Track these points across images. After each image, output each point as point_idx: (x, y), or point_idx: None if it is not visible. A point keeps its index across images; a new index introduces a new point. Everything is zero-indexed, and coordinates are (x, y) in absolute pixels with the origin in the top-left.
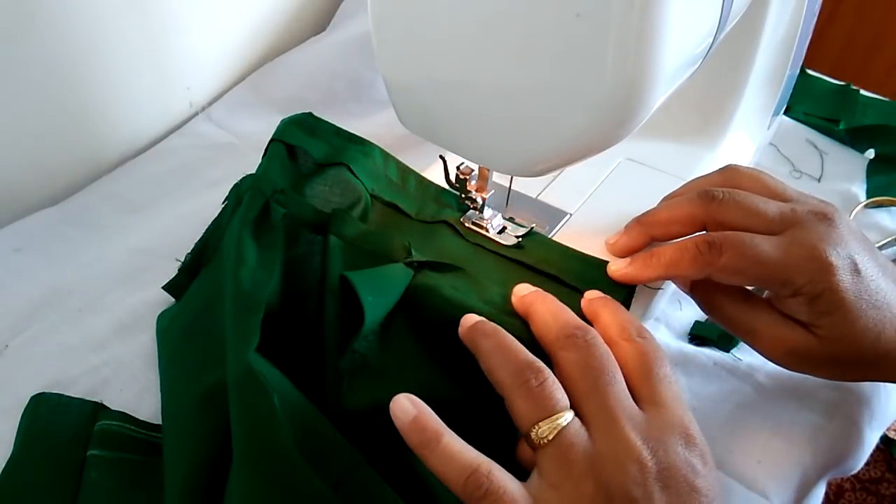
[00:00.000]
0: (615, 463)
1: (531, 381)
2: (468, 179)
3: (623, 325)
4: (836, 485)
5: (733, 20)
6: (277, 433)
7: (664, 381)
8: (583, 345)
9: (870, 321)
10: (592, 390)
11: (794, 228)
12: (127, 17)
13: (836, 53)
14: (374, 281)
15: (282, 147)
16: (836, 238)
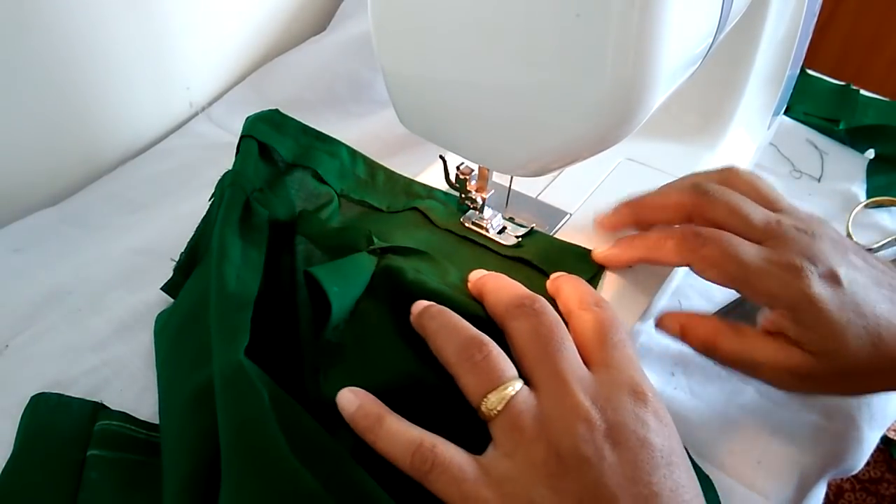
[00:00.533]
0: (564, 424)
1: (475, 355)
2: (468, 179)
3: (582, 296)
4: (836, 485)
5: (733, 20)
6: (267, 431)
7: (618, 346)
8: (531, 313)
9: (860, 331)
10: (542, 356)
11: (775, 240)
12: (127, 18)
13: (836, 53)
14: (338, 272)
15: (253, 143)
16: (816, 251)
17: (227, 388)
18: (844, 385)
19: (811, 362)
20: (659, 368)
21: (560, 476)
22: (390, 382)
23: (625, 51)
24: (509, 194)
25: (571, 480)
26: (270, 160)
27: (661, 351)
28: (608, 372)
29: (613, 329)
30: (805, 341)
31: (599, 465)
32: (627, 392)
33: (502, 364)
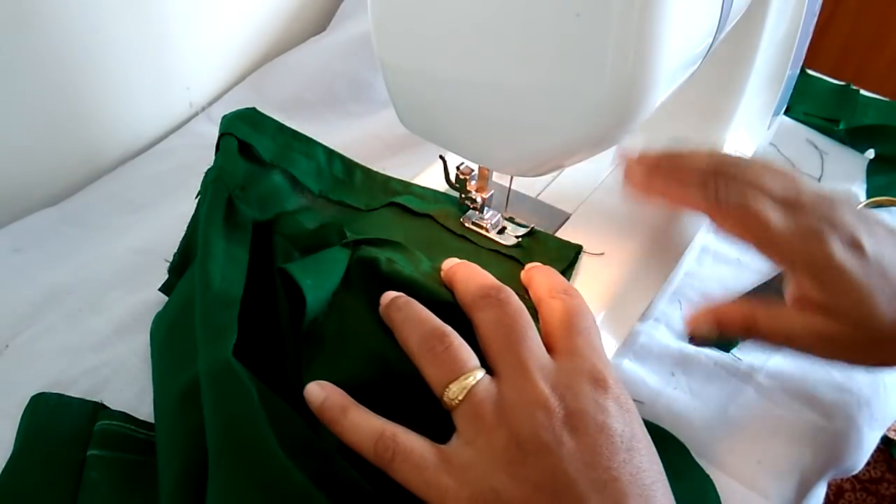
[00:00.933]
0: (523, 412)
1: (437, 346)
2: (468, 179)
3: (552, 284)
4: (836, 485)
5: (733, 20)
6: (256, 428)
7: (583, 333)
8: (496, 303)
9: (889, 294)
10: (504, 346)
11: (795, 207)
12: (127, 18)
13: (836, 53)
14: (312, 266)
15: (233, 141)
16: (838, 218)
17: (214, 385)
18: (879, 354)
19: (846, 331)
20: (659, 368)
21: (519, 463)
22: (370, 373)
23: (625, 51)
24: (509, 194)
25: (530, 467)
26: (251, 157)
27: (661, 351)
28: (571, 359)
29: (580, 317)
30: (832, 306)
31: (558, 451)
32: (588, 379)
33: (464, 354)
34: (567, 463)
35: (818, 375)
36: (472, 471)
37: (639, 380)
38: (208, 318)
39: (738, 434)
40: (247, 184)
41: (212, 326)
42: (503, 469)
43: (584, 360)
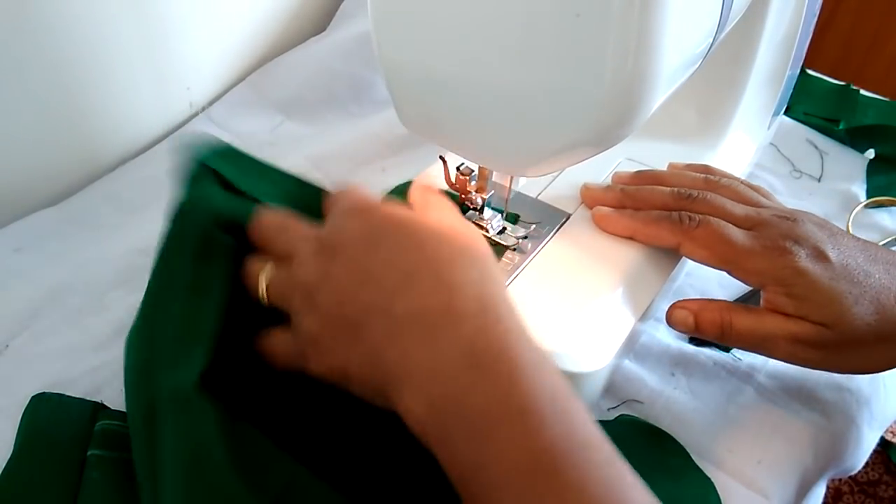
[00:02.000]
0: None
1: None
2: (468, 180)
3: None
4: (835, 487)
5: (733, 20)
6: (213, 455)
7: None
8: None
9: (858, 298)
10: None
11: (759, 227)
12: (127, 18)
13: (836, 53)
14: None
15: (205, 171)
16: (800, 233)
17: (180, 408)
18: (856, 357)
19: (819, 331)
20: (659, 368)
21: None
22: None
23: (625, 51)
24: (509, 194)
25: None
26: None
27: (661, 351)
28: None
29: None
30: (806, 313)
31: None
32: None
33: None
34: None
35: (818, 375)
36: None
37: (639, 380)
38: (178, 346)
39: (738, 434)
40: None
41: (180, 353)
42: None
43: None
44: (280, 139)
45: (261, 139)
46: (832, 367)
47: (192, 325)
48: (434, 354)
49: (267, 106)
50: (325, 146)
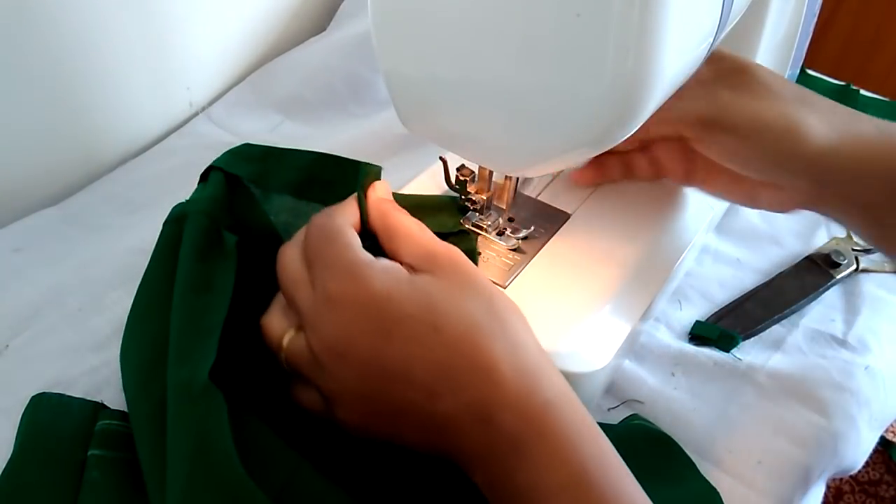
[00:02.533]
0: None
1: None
2: (468, 181)
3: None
4: (836, 487)
5: (733, 20)
6: (223, 446)
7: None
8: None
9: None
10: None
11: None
12: (127, 17)
13: (836, 53)
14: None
15: (219, 174)
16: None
17: (189, 401)
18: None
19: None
20: (659, 368)
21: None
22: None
23: (625, 51)
24: (509, 195)
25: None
26: (239, 188)
27: (661, 351)
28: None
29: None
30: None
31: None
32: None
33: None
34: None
35: (818, 375)
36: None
37: (639, 380)
38: (187, 342)
39: (738, 434)
40: (235, 211)
41: (188, 349)
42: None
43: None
44: (280, 139)
45: (261, 139)
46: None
47: (198, 321)
48: (479, 443)
49: (267, 106)
50: (325, 146)
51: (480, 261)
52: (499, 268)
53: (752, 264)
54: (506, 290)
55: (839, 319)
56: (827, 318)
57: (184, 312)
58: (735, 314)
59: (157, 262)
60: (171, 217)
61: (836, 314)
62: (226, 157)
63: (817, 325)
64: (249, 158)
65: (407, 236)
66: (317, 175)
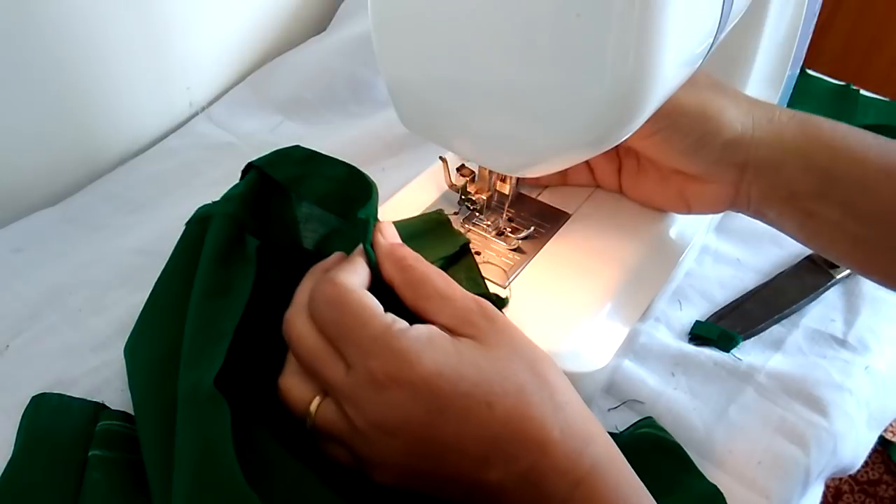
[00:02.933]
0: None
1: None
2: (468, 181)
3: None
4: (835, 487)
5: (733, 20)
6: (226, 454)
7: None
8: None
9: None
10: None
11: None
12: (127, 17)
13: (836, 53)
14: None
15: (255, 173)
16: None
17: (191, 407)
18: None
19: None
20: (659, 368)
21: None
22: None
23: (625, 51)
24: (509, 195)
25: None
26: (278, 190)
27: (661, 351)
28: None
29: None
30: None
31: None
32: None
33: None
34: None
35: (818, 375)
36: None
37: (639, 380)
38: (198, 346)
39: (738, 434)
40: (273, 210)
41: (198, 353)
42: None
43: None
44: (280, 139)
45: (261, 139)
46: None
47: (211, 325)
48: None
49: (267, 106)
50: (325, 146)
51: (480, 261)
52: (499, 268)
53: (752, 264)
54: (506, 290)
55: (839, 319)
56: (827, 318)
57: (199, 316)
58: (735, 314)
59: (176, 261)
60: (196, 217)
61: (836, 314)
62: (270, 156)
63: (817, 325)
64: (292, 161)
65: (438, 298)
66: (346, 189)
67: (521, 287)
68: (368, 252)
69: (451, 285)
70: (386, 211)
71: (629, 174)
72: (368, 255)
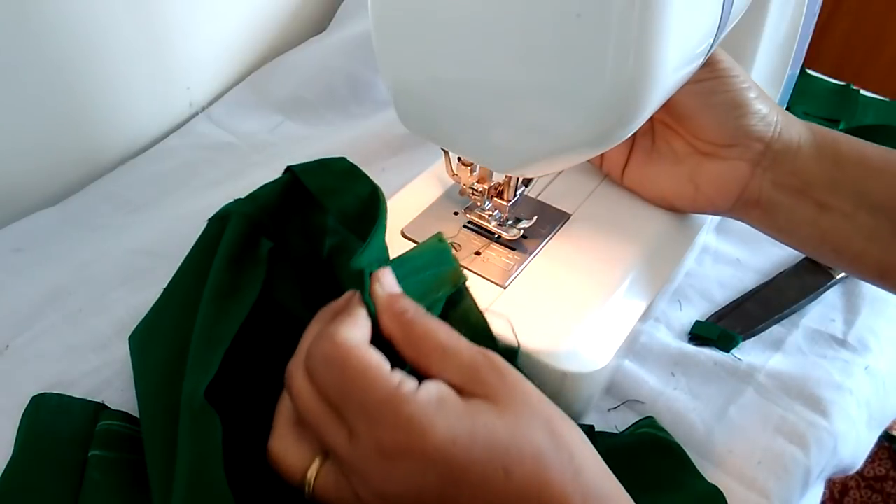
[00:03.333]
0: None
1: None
2: (470, 171)
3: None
4: (842, 482)
5: (733, 20)
6: (216, 467)
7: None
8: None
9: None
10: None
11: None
12: (127, 18)
13: (836, 53)
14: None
15: (287, 177)
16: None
17: (191, 417)
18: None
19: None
20: (659, 368)
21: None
22: None
23: (625, 51)
24: (512, 185)
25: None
26: (307, 196)
27: (661, 351)
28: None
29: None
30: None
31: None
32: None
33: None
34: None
35: (818, 375)
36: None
37: (639, 380)
38: (199, 354)
39: (738, 434)
40: (303, 216)
41: (200, 361)
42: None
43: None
44: (280, 139)
45: (261, 139)
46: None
47: (212, 329)
48: None
49: (267, 106)
50: (325, 146)
51: (480, 260)
52: (499, 268)
53: (752, 264)
54: (506, 290)
55: (839, 319)
56: (827, 318)
57: (205, 316)
58: (735, 314)
59: (192, 258)
60: (217, 215)
61: (836, 314)
62: (312, 163)
63: (817, 325)
64: (331, 172)
65: (442, 353)
66: (366, 209)
67: (521, 287)
68: (368, 303)
69: (456, 339)
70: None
71: (640, 153)
72: (368, 306)
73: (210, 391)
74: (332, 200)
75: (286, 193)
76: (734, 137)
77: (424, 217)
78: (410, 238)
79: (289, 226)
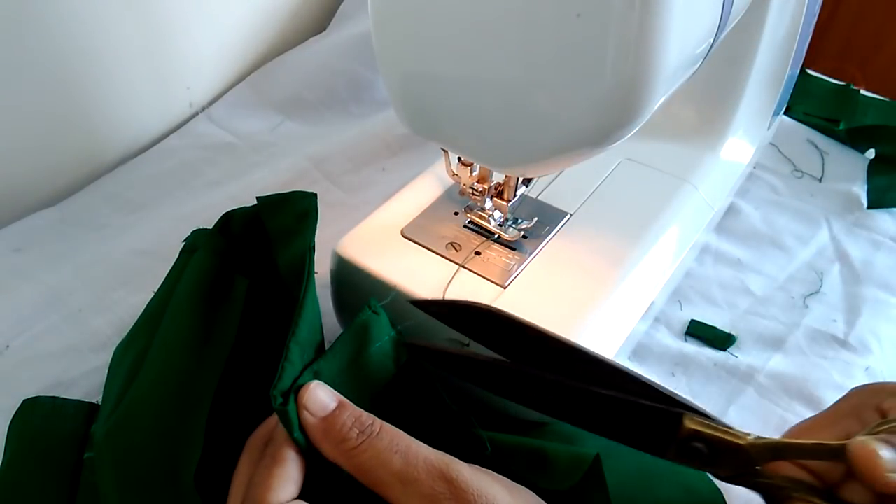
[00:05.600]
0: None
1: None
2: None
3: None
4: None
5: (733, 20)
6: None
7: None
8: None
9: None
10: None
11: None
12: (127, 18)
13: (836, 53)
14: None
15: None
16: None
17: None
18: None
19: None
20: (659, 368)
21: None
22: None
23: (625, 51)
24: (513, 184)
25: None
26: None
27: (661, 351)
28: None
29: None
30: None
31: None
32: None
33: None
34: None
35: (819, 376)
36: None
37: None
38: (176, 415)
39: None
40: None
41: (178, 434)
42: None
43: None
44: (280, 139)
45: (261, 139)
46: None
47: (189, 388)
48: None
49: (267, 106)
50: (325, 146)
51: (480, 260)
52: (499, 268)
53: (753, 265)
54: (506, 290)
55: (840, 320)
56: (828, 319)
57: (178, 374)
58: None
59: (165, 292)
60: (187, 247)
61: (837, 315)
62: (278, 197)
63: (818, 326)
64: (293, 213)
65: (399, 484)
66: (298, 274)
67: (521, 287)
68: (297, 440)
69: (411, 465)
70: (387, 211)
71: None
72: (297, 442)
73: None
74: (284, 249)
75: (254, 224)
76: None
77: (424, 217)
78: (410, 238)
79: (258, 261)
